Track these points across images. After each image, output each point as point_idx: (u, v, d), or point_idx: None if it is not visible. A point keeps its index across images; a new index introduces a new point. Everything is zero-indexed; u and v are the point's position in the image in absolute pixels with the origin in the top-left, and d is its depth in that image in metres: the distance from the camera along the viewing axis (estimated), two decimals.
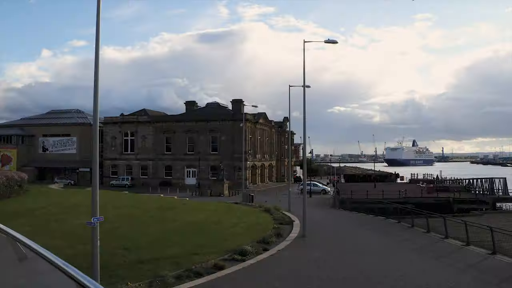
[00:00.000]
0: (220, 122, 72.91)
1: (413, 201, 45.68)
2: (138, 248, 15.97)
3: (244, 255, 16.44)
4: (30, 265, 2.61)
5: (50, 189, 39.36)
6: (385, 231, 23.99)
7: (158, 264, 14.37)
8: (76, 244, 15.48)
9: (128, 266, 13.91)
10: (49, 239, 15.82)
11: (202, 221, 23.59)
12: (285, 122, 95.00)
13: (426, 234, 22.80)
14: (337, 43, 24.24)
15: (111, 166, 78.79)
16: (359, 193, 50.46)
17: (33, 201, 24.58)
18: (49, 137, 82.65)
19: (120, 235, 17.67)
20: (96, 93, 11.56)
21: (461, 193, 51.08)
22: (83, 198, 26.92)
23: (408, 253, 17.80)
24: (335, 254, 17.57)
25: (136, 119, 78.36)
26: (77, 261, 13.68)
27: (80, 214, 20.65)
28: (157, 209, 25.86)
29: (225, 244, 18.51)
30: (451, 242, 20.08)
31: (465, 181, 64.04)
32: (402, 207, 29.33)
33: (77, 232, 17.19)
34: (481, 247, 18.38)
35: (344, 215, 33.61)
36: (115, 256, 14.77)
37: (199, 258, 15.67)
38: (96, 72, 11.51)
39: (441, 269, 14.78)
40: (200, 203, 34.10)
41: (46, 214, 20.16)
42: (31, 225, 17.79)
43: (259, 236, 20.75)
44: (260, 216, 28.76)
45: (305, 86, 25.04)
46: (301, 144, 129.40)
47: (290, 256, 17.22)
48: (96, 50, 11.46)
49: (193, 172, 74.32)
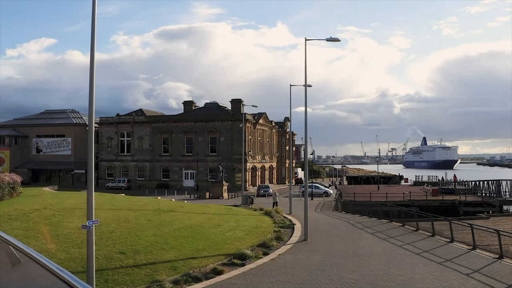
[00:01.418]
0: (219, 122, 72.92)
1: (418, 204, 45.77)
2: (135, 252, 15.97)
3: (244, 259, 16.46)
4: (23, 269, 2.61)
5: (44, 191, 39.35)
6: (389, 235, 23.99)
7: (155, 268, 14.37)
8: (70, 248, 15.48)
9: (124, 270, 13.91)
10: (43, 243, 15.83)
11: (201, 225, 23.59)
12: (285, 122, 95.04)
13: (431, 237, 22.80)
14: (339, 41, 24.34)
15: (107, 168, 78.82)
16: (362, 195, 50.50)
17: (26, 203, 24.57)
18: (43, 137, 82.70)
19: (116, 239, 17.67)
20: (91, 94, 11.58)
21: (467, 196, 51.13)
22: (78, 200, 26.91)
23: (413, 257, 17.80)
24: (337, 258, 17.58)
25: (133, 119, 78.35)
26: (71, 265, 13.71)
27: (75, 217, 20.64)
28: (154, 212, 25.85)
29: (224, 248, 18.52)
30: (457, 246, 20.08)
31: (471, 183, 64.03)
32: (406, 210, 29.34)
33: (72, 235, 17.18)
34: (488, 251, 18.38)
35: (346, 218, 33.61)
36: (111, 260, 14.77)
37: (198, 262, 15.69)
38: (91, 72, 11.54)
39: (446, 274, 14.78)
40: (198, 206, 34.09)
41: (40, 217, 20.15)
42: (24, 228, 17.79)
43: (259, 240, 20.77)
44: (260, 219, 28.77)
45: (306, 85, 25.10)
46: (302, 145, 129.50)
47: (291, 260, 17.22)
48: (92, 51, 11.51)
49: (191, 174, 74.33)
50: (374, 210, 35.01)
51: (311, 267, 15.95)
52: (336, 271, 15.26)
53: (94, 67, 11.58)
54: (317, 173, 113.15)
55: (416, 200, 49.26)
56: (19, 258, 2.62)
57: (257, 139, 78.81)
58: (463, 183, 68.35)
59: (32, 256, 2.50)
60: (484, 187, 55.13)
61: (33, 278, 2.62)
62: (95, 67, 11.60)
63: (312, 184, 62.40)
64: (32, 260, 2.49)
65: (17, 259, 2.64)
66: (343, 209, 42.88)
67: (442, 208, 46.03)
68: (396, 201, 45.65)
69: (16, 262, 2.65)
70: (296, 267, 15.94)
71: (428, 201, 49.68)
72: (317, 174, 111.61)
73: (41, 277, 2.45)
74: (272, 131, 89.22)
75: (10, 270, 2.68)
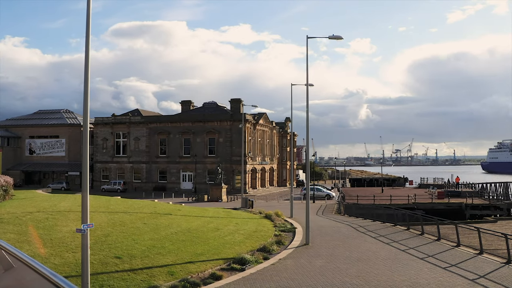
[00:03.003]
0: (218, 123, 72.95)
1: (423, 207, 45.84)
2: (131, 257, 15.97)
3: (244, 264, 16.47)
4: (16, 274, 2.62)
5: (38, 194, 39.37)
6: (393, 239, 23.99)
7: (152, 273, 14.38)
8: (64, 253, 15.49)
9: (120, 275, 13.92)
10: (36, 247, 15.84)
11: (199, 228, 23.61)
12: (286, 123, 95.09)
13: (436, 241, 22.81)
14: (342, 39, 24.36)
15: (102, 170, 78.83)
16: (366, 198, 50.51)
17: (19, 206, 24.59)
18: (36, 138, 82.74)
19: (112, 243, 17.68)
20: (86, 94, 11.60)
21: (474, 199, 51.13)
22: (73, 203, 26.92)
23: (417, 262, 17.81)
24: (339, 263, 17.58)
25: (129, 119, 78.38)
26: (65, 270, 13.71)
27: (69, 221, 20.65)
28: (151, 215, 25.86)
29: (223, 252, 18.53)
30: (463, 251, 20.09)
31: (478, 185, 64.02)
32: (411, 213, 29.34)
33: (66, 239, 17.19)
34: (495, 255, 18.39)
35: (349, 222, 33.61)
36: (106, 265, 14.78)
37: (196, 267, 15.70)
38: (86, 72, 11.56)
39: (452, 279, 14.78)
40: (196, 209, 34.11)
41: (33, 220, 20.17)
42: (17, 232, 17.80)
43: (259, 244, 20.78)
44: (260, 222, 28.79)
45: (308, 84, 25.11)
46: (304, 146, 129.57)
47: (292, 265, 17.23)
48: (86, 51, 11.54)
49: (189, 176, 74.34)
50: (378, 213, 34.99)
51: (312, 272, 15.95)
52: (339, 276, 15.26)
53: (89, 68, 11.61)
54: (319, 175, 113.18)
55: (421, 203, 49.27)
56: (12, 263, 2.63)
57: (257, 140, 78.83)
58: (469, 186, 68.33)
59: (25, 261, 2.51)
60: (491, 189, 55.12)
61: (26, 284, 2.63)
62: (89, 68, 11.63)
63: (314, 186, 62.40)
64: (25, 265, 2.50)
65: (9, 264, 2.65)
66: (346, 212, 42.88)
67: (448, 211, 46.02)
68: (401, 204, 45.65)
69: (8, 267, 2.65)
70: (298, 272, 15.95)
71: (434, 204, 49.69)
72: (319, 176, 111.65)
73: (34, 282, 2.46)
74: (273, 131, 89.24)
75: (3, 275, 2.68)
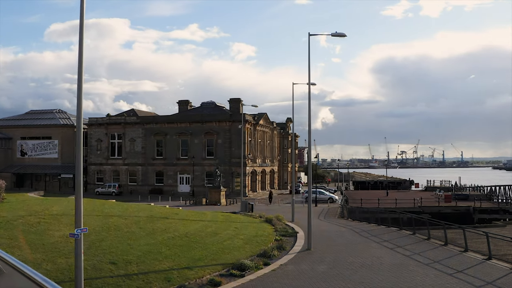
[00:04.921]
0: (217, 123, 72.93)
1: (430, 211, 45.77)
2: (126, 263, 15.97)
3: (243, 270, 16.45)
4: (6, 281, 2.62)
5: (30, 197, 39.39)
6: (398, 244, 23.98)
7: (148, 280, 14.37)
8: (57, 258, 15.48)
9: (115, 282, 13.91)
10: (28, 253, 15.83)
11: (197, 233, 23.61)
12: (287, 123, 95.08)
13: (443, 246, 22.81)
14: (345, 36, 24.45)
15: (96, 172, 78.80)
16: (370, 201, 50.47)
17: (10, 210, 24.60)
18: (28, 139, 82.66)
19: (106, 248, 17.68)
20: (79, 94, 11.60)
21: (482, 202, 51.09)
22: (66, 207, 26.92)
23: (424, 268, 17.80)
24: (343, 269, 17.58)
25: (124, 120, 78.37)
26: (58, 276, 13.70)
27: (62, 225, 20.66)
28: (147, 219, 25.86)
29: (222, 258, 18.52)
30: (471, 256, 20.08)
31: (486, 188, 64.01)
32: (417, 217, 29.31)
33: (59, 244, 17.19)
34: (504, 261, 18.38)
35: (353, 226, 33.61)
36: (100, 271, 14.77)
37: (193, 273, 15.69)
38: (79, 72, 11.58)
39: (459, 286, 14.77)
40: (194, 213, 34.11)
41: (25, 225, 20.17)
42: (8, 237, 17.81)
43: (259, 249, 20.76)
44: (260, 227, 28.77)
45: (310, 83, 25.14)
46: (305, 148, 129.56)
47: (293, 271, 17.22)
48: (80, 51, 11.55)
49: (186, 178, 74.33)
50: (383, 217, 34.98)
51: (315, 279, 15.95)
52: (342, 283, 15.25)
53: (83, 66, 11.63)
54: (321, 177, 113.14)
55: (427, 206, 49.23)
56: (2, 269, 2.63)
57: (257, 141, 78.81)
58: (477, 189, 68.32)
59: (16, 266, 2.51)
60: (500, 192, 55.12)
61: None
62: (83, 67, 11.65)
63: (316, 189, 62.39)
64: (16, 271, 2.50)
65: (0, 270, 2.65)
66: (349, 216, 42.87)
67: (456, 215, 46.01)
68: (406, 207, 45.59)
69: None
70: (299, 279, 15.94)
71: (441, 207, 49.66)
72: (321, 178, 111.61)
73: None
74: (274, 132, 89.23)
75: None
